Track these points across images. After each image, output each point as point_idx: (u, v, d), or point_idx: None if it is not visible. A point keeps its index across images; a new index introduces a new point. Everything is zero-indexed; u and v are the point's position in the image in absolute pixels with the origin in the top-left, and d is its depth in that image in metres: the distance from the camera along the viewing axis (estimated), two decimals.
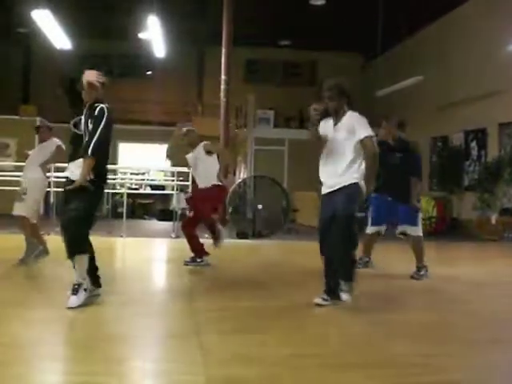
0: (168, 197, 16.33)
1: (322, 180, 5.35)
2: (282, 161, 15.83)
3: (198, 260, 7.52)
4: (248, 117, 16.89)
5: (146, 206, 17.56)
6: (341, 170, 5.15)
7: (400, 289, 6.48)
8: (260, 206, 11.82)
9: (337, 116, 5.24)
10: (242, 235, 11.48)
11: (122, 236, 10.64)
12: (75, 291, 4.86)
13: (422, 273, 7.07)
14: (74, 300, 4.83)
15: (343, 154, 5.16)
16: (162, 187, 16.91)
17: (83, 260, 4.95)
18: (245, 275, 7.19)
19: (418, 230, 7.15)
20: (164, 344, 4.10)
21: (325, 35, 18.19)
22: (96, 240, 9.96)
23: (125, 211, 11.50)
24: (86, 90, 5.09)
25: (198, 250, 7.56)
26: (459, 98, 14.54)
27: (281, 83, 21.12)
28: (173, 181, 12.89)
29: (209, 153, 7.61)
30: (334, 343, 4.08)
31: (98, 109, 4.96)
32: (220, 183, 7.69)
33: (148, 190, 17.15)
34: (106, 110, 4.97)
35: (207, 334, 4.15)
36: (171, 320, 4.68)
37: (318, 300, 5.15)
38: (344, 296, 5.13)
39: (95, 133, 4.88)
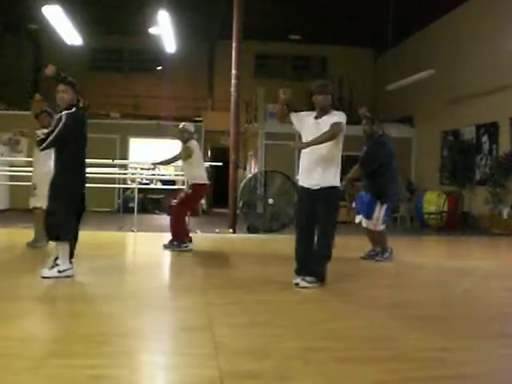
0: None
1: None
2: (293, 156, 15.79)
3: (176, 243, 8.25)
4: (258, 111, 16.87)
5: (157, 201, 17.58)
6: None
7: (412, 282, 6.47)
8: (271, 201, 11.81)
9: (323, 112, 5.71)
10: (253, 229, 11.50)
11: (133, 231, 10.68)
12: None
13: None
14: None
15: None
16: (173, 182, 16.92)
17: None
18: (256, 269, 7.19)
19: (368, 223, 7.62)
20: (176, 337, 4.11)
21: (335, 29, 18.15)
22: (108, 234, 10.07)
23: (136, 206, 11.52)
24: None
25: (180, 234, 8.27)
26: (470, 92, 14.46)
27: (291, 78, 21.07)
28: (183, 176, 12.89)
29: None
30: (347, 337, 4.07)
31: None
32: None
33: (159, 185, 17.16)
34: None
35: (220, 327, 4.15)
36: (183, 314, 4.68)
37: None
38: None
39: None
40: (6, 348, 3.54)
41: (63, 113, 5.73)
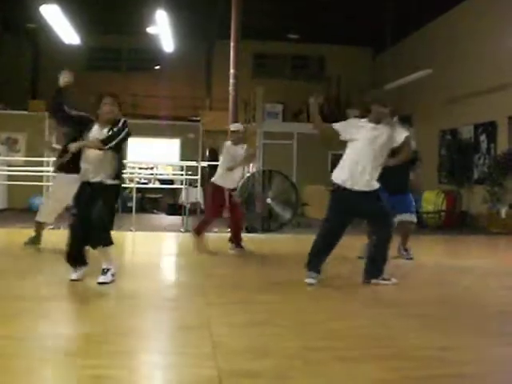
0: (177, 191, 16.34)
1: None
2: (291, 155, 15.79)
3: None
4: (256, 111, 16.84)
5: (155, 201, 17.57)
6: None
7: (411, 281, 6.47)
8: (269, 200, 11.80)
9: (378, 121, 5.96)
10: (251, 229, 11.48)
11: (131, 230, 10.67)
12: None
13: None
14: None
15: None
16: (171, 181, 16.92)
17: None
18: (255, 269, 7.19)
19: (413, 217, 7.95)
20: (175, 337, 4.11)
21: (333, 29, 18.14)
22: None
23: (134, 206, 11.50)
24: None
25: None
26: (469, 91, 14.46)
27: (289, 77, 21.05)
28: (182, 175, 12.90)
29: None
30: (347, 336, 4.06)
31: None
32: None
33: (157, 185, 17.15)
34: None
35: (219, 326, 4.15)
36: (182, 313, 4.68)
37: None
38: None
39: None
40: (4, 347, 3.53)
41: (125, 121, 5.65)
